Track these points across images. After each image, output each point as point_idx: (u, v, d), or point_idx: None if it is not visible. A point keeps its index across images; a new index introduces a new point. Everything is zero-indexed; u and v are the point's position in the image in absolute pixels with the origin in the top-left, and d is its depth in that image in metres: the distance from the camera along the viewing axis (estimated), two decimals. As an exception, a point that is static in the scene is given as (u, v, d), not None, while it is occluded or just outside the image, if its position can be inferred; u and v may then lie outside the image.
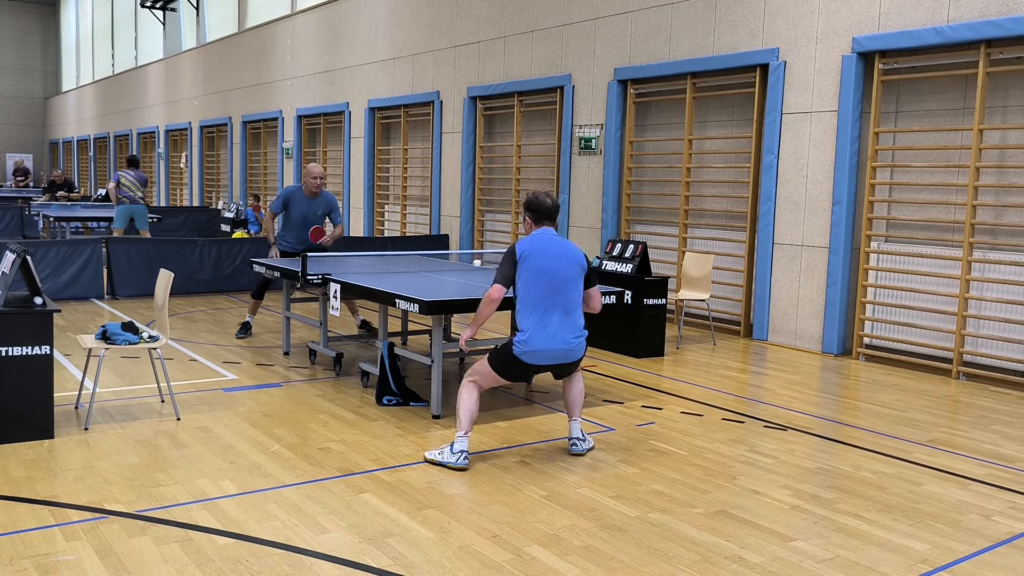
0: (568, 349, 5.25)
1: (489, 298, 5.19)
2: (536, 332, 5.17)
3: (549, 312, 5.19)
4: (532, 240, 5.30)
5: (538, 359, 5.21)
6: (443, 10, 14.35)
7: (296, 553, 3.93)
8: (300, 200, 8.78)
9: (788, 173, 9.39)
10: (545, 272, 5.19)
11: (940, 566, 4.00)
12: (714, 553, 4.06)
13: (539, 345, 5.17)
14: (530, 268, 5.19)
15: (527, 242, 5.29)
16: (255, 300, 9.20)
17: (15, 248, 5.53)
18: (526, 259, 5.20)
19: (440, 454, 5.21)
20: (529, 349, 5.17)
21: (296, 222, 8.81)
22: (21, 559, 3.79)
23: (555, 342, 5.19)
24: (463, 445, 5.16)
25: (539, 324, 5.17)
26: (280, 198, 8.82)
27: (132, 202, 14.16)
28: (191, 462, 5.12)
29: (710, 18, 10.05)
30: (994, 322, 7.91)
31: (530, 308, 5.19)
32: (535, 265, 5.19)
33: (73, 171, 36.43)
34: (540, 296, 5.18)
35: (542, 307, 5.19)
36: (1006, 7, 7.63)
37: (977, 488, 5.05)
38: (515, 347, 5.19)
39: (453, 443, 5.19)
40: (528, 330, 5.17)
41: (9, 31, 40.74)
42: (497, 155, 13.78)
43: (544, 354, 5.20)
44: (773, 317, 9.55)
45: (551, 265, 5.21)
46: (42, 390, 5.40)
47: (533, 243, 5.27)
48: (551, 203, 5.39)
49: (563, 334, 5.21)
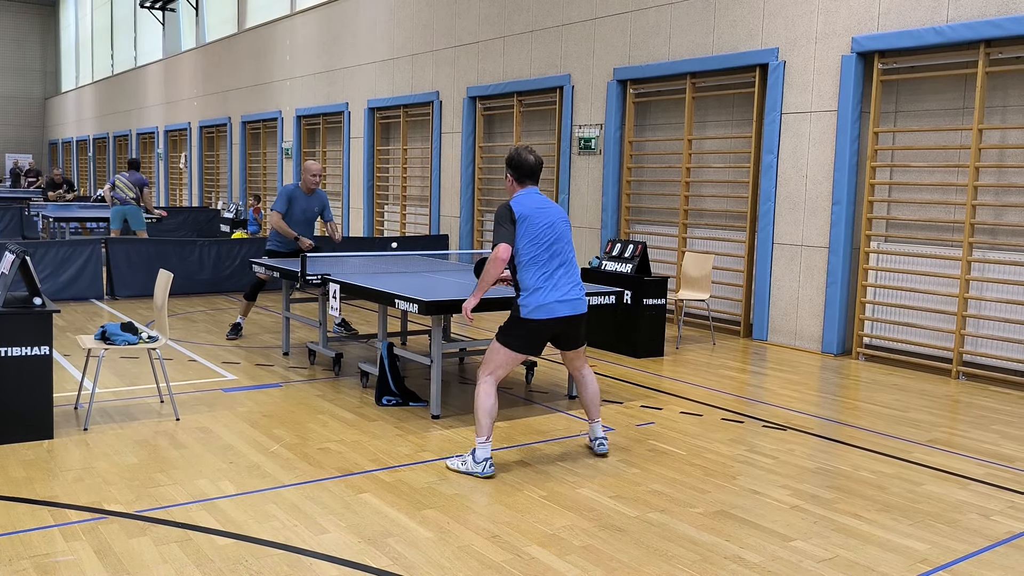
0: (576, 300, 5.18)
1: (497, 257, 5.04)
2: (544, 288, 5.08)
3: (554, 269, 5.13)
4: (525, 200, 5.20)
5: (549, 313, 5.08)
6: (442, 10, 14.35)
7: (295, 553, 3.93)
8: (300, 197, 8.80)
9: (788, 173, 9.39)
10: (546, 230, 5.13)
11: (939, 566, 4.00)
12: (713, 553, 4.06)
13: (548, 299, 5.07)
14: (532, 228, 5.10)
15: (521, 202, 5.18)
16: (248, 302, 9.20)
17: (14, 249, 5.53)
18: (526, 219, 5.11)
19: (463, 464, 5.07)
20: (539, 304, 5.06)
21: (297, 220, 8.81)
22: (20, 559, 3.79)
23: (563, 295, 5.12)
24: (486, 452, 5.01)
25: (546, 280, 5.09)
26: (283, 197, 8.81)
27: (123, 203, 14.21)
28: (190, 462, 5.12)
29: (709, 18, 10.05)
30: (994, 322, 7.91)
31: (534, 266, 5.10)
32: (537, 224, 5.11)
33: (73, 171, 36.43)
34: (544, 254, 5.11)
35: (547, 265, 5.11)
36: (1005, 7, 7.63)
37: (977, 488, 5.05)
38: (523, 310, 5.08)
39: (475, 451, 5.03)
40: (535, 288, 5.08)
41: (8, 31, 40.74)
42: (497, 155, 13.78)
43: (554, 307, 5.08)
44: (773, 317, 9.55)
45: (550, 223, 5.16)
46: (41, 390, 5.40)
47: (528, 203, 5.18)
48: (534, 160, 5.26)
49: (569, 288, 5.16)
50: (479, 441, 5.03)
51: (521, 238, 5.11)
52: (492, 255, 5.09)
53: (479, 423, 5.04)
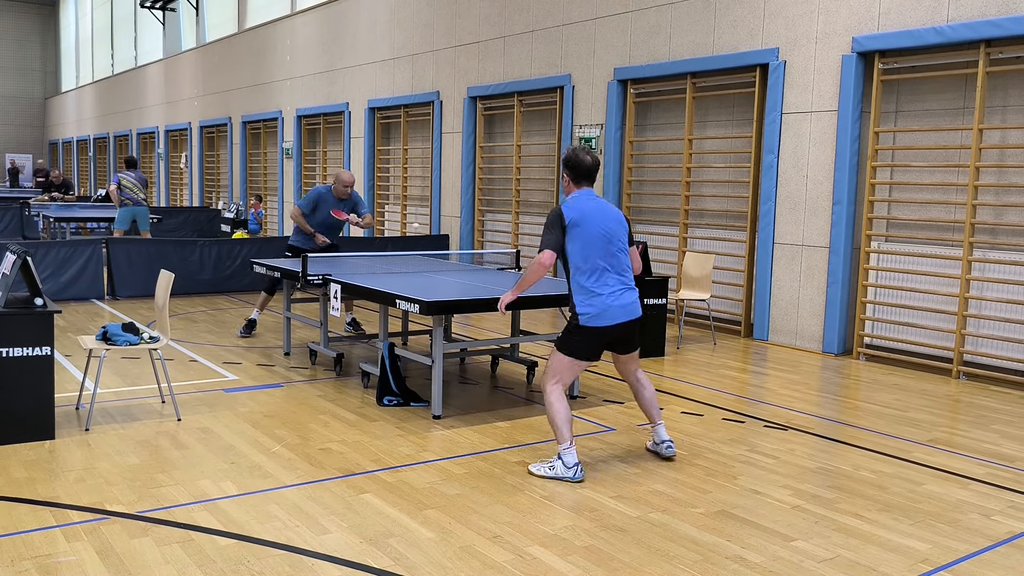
0: (632, 304, 5.13)
1: (540, 263, 5.02)
2: (601, 295, 5.04)
3: (607, 274, 5.07)
4: (578, 203, 5.11)
5: (608, 319, 5.04)
6: (443, 10, 14.35)
7: (297, 554, 3.94)
8: (329, 202, 8.84)
9: (788, 173, 9.39)
10: (600, 236, 5.06)
11: (940, 565, 4.00)
12: (715, 553, 4.06)
13: (602, 305, 5.03)
14: (584, 233, 5.03)
15: (573, 206, 5.10)
16: (267, 295, 9.21)
17: (15, 249, 5.53)
18: (577, 224, 5.03)
19: (551, 470, 5.02)
20: (597, 312, 5.02)
21: (322, 222, 8.87)
22: (22, 560, 3.79)
23: (620, 300, 5.07)
24: (574, 457, 4.99)
25: (602, 287, 5.04)
26: (311, 199, 8.85)
27: (135, 204, 14.16)
28: (192, 463, 5.13)
29: (710, 18, 10.06)
30: (994, 321, 7.91)
31: (588, 273, 5.05)
32: (589, 229, 5.04)
33: (73, 172, 36.44)
34: (598, 260, 5.05)
35: (601, 270, 5.06)
36: (1005, 7, 7.63)
37: (977, 487, 5.06)
38: (581, 318, 5.03)
39: (562, 457, 5.00)
40: (591, 295, 5.04)
41: (9, 31, 40.74)
42: (497, 155, 13.78)
43: (612, 313, 5.04)
44: (773, 317, 9.55)
45: (604, 228, 5.08)
46: (43, 391, 5.40)
47: (580, 206, 5.09)
48: (591, 161, 5.19)
49: (625, 293, 5.12)
50: (563, 447, 5.01)
51: (573, 242, 5.04)
52: (536, 260, 5.05)
53: (559, 430, 5.02)
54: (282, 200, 19.70)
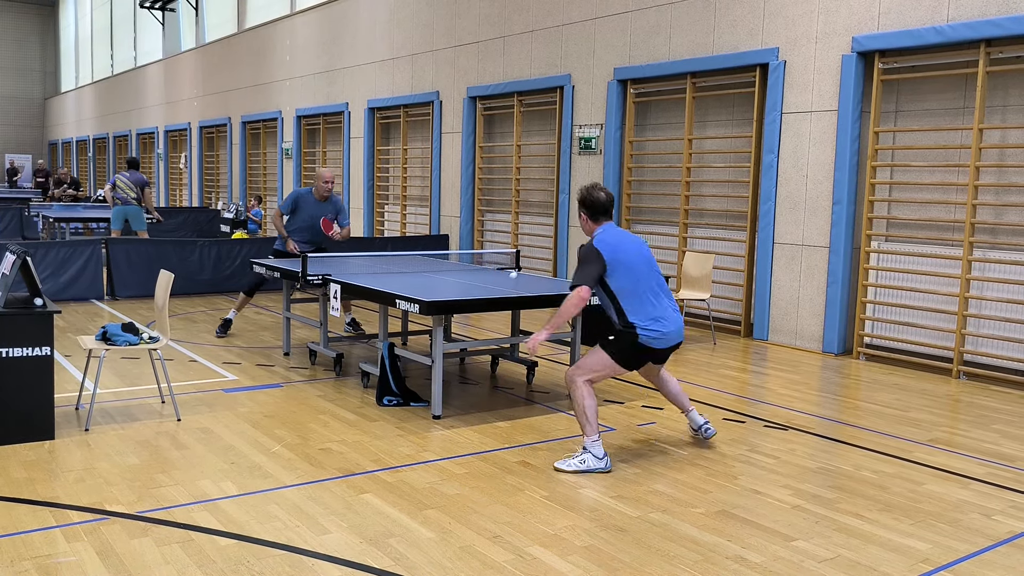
0: (681, 328, 5.37)
1: (580, 298, 5.16)
2: (660, 318, 5.22)
3: (658, 297, 5.29)
4: (608, 237, 5.29)
5: (666, 342, 5.25)
6: (442, 10, 14.35)
7: (297, 554, 3.93)
8: (310, 203, 8.83)
9: (788, 173, 9.39)
10: (640, 262, 5.29)
11: (941, 565, 4.00)
12: (715, 553, 4.06)
13: (666, 328, 5.22)
14: (627, 262, 5.23)
15: (606, 240, 5.27)
16: (246, 296, 9.24)
17: (15, 249, 5.52)
18: (615, 257, 5.21)
19: (582, 463, 5.14)
20: (660, 335, 5.20)
21: (304, 224, 8.84)
22: (22, 560, 3.79)
23: (674, 323, 5.29)
24: (602, 448, 5.19)
25: (656, 314, 5.23)
26: (290, 199, 8.85)
27: (125, 203, 14.20)
28: (192, 463, 5.12)
29: (710, 18, 10.05)
30: (994, 321, 7.91)
31: (640, 299, 5.22)
32: (631, 258, 5.25)
33: (73, 172, 36.42)
34: (646, 285, 5.26)
35: (652, 295, 5.26)
36: (1006, 6, 7.63)
37: (978, 487, 5.05)
38: (641, 339, 5.17)
39: (591, 449, 5.14)
40: (651, 318, 5.20)
41: (8, 32, 40.74)
42: (497, 155, 13.78)
43: (669, 336, 5.26)
44: (773, 317, 9.55)
45: (641, 254, 5.32)
46: (42, 391, 5.39)
47: (611, 240, 5.28)
48: (605, 197, 5.38)
49: (675, 315, 5.33)
50: (592, 440, 5.16)
51: (619, 274, 5.20)
52: (576, 295, 5.16)
53: (588, 423, 5.16)
54: (281, 201, 19.68)
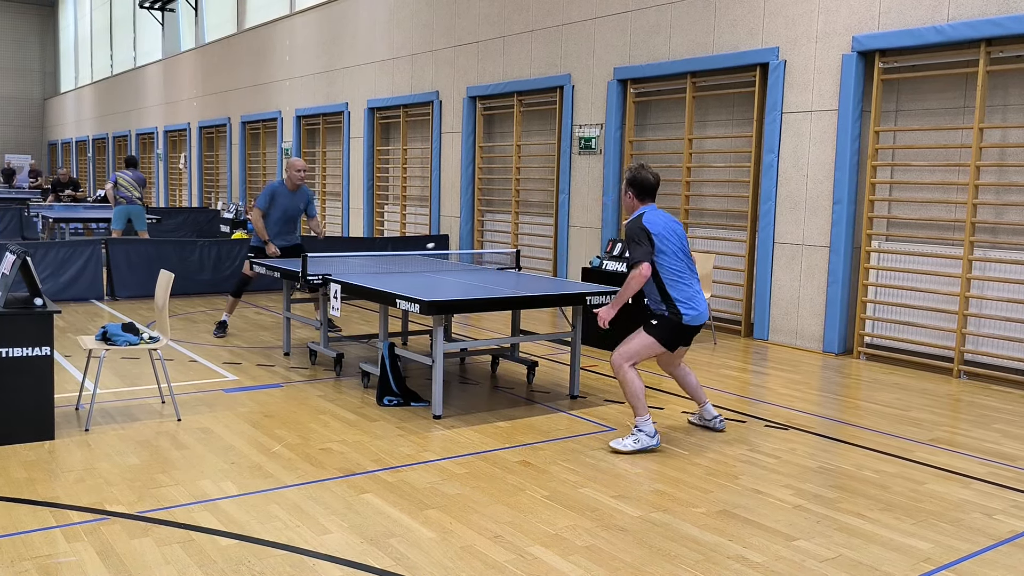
0: (707, 310, 5.68)
1: (642, 275, 5.40)
2: (694, 299, 5.55)
3: (693, 279, 5.61)
4: (655, 217, 5.55)
5: (702, 319, 5.59)
6: (442, 10, 14.34)
7: (298, 554, 3.93)
8: (284, 195, 8.88)
9: (788, 172, 9.39)
10: (681, 245, 5.59)
11: (943, 565, 3.99)
12: (717, 553, 4.05)
13: (698, 310, 5.55)
14: (669, 243, 5.52)
15: (653, 220, 5.54)
16: (234, 298, 9.28)
17: (15, 249, 5.52)
18: (662, 236, 5.49)
19: (636, 442, 5.46)
20: (698, 312, 5.54)
21: (279, 217, 8.87)
22: (22, 560, 3.78)
23: (704, 303, 5.63)
24: (652, 425, 5.51)
25: (692, 293, 5.55)
26: (266, 195, 8.84)
27: (129, 202, 14.16)
28: (192, 463, 5.11)
29: (710, 17, 10.05)
30: (995, 321, 7.91)
31: (680, 278, 5.53)
32: (673, 240, 5.54)
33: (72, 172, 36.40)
34: (685, 267, 5.57)
35: (688, 276, 5.58)
36: (1006, 6, 7.63)
37: (979, 487, 5.05)
38: (684, 317, 5.50)
39: (643, 428, 5.48)
40: (690, 298, 5.53)
41: (7, 32, 40.72)
42: (497, 155, 13.77)
43: (702, 316, 5.59)
44: (774, 316, 9.55)
45: (680, 236, 5.61)
46: (42, 391, 5.39)
47: (658, 220, 5.55)
48: (654, 179, 5.65)
49: (703, 298, 5.64)
50: (642, 419, 5.50)
51: (663, 253, 5.50)
52: (636, 272, 5.42)
53: (640, 404, 5.50)
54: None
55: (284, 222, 8.91)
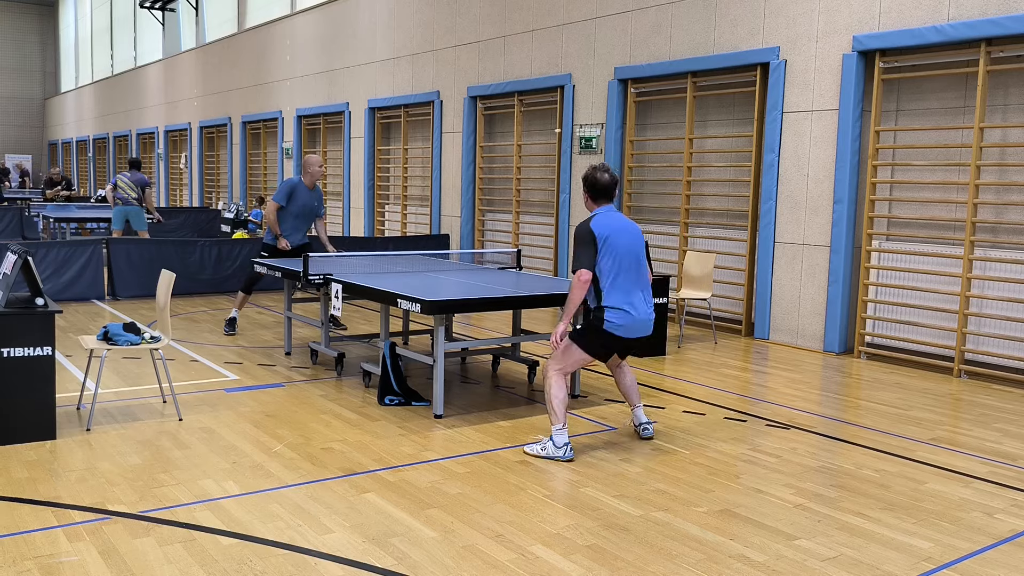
0: (649, 321, 5.48)
1: (580, 282, 5.28)
2: (627, 308, 5.34)
3: (634, 289, 5.40)
4: (606, 220, 5.40)
5: (629, 332, 5.37)
6: (443, 10, 14.35)
7: (300, 553, 3.93)
8: (303, 192, 8.95)
9: (789, 172, 9.39)
10: (627, 251, 5.38)
11: (943, 564, 4.00)
12: (718, 552, 4.06)
13: (630, 320, 5.35)
14: (613, 248, 5.34)
15: (602, 223, 5.38)
16: (244, 294, 9.34)
17: (16, 249, 5.52)
18: (607, 240, 5.33)
19: (543, 449, 5.35)
20: (623, 324, 5.33)
21: (297, 214, 8.91)
22: (24, 560, 3.79)
23: (641, 315, 5.40)
24: (565, 437, 5.32)
25: (628, 301, 5.36)
26: (286, 190, 8.89)
27: (125, 203, 14.20)
28: (194, 463, 5.12)
29: (710, 17, 10.05)
30: (996, 320, 7.91)
31: (617, 286, 5.35)
32: (618, 245, 5.35)
33: (72, 172, 36.43)
34: (625, 274, 5.37)
35: (628, 285, 5.38)
36: (1006, 5, 7.63)
37: (980, 486, 5.05)
38: (607, 324, 5.32)
39: (553, 437, 5.32)
40: (619, 307, 5.33)
41: (8, 32, 40.73)
42: (497, 155, 13.78)
43: (634, 327, 5.38)
44: (775, 316, 9.55)
45: (629, 244, 5.41)
46: (44, 391, 5.39)
47: (608, 223, 5.39)
48: (608, 179, 5.48)
49: (646, 308, 5.44)
50: (556, 428, 5.32)
51: (604, 259, 5.33)
52: (575, 280, 5.29)
53: (554, 412, 5.33)
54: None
55: (300, 219, 8.97)
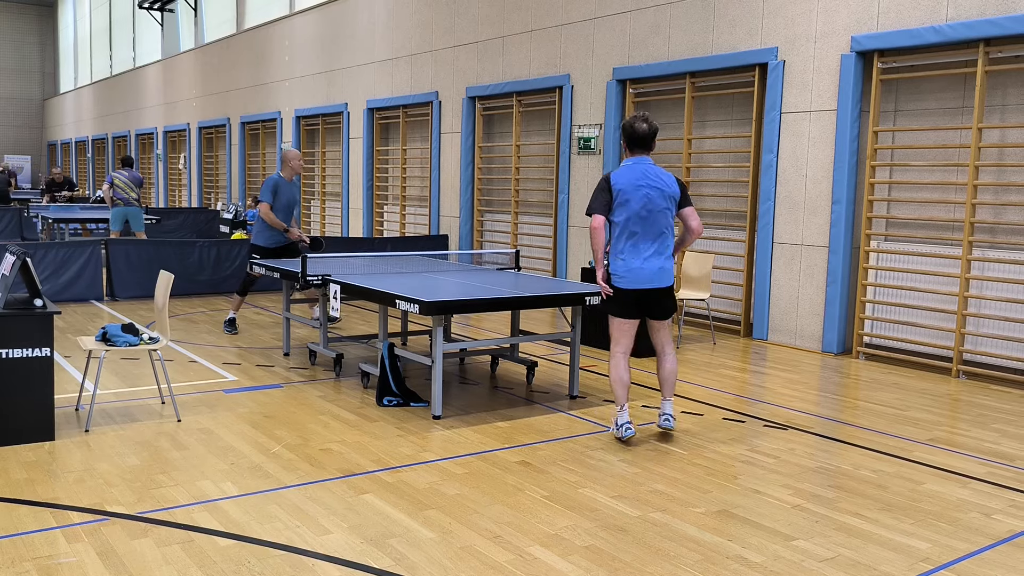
0: (660, 271, 5.51)
1: (592, 228, 5.45)
2: (629, 258, 5.48)
3: (643, 240, 5.48)
4: (627, 172, 5.47)
5: (633, 283, 5.48)
6: (441, 10, 14.35)
7: (298, 554, 3.93)
8: (284, 186, 9.08)
9: (787, 172, 9.40)
10: (640, 204, 5.43)
11: (941, 564, 4.00)
12: (716, 552, 4.06)
13: (629, 270, 5.46)
14: (626, 201, 5.42)
15: (622, 174, 5.46)
16: (240, 297, 9.45)
17: (15, 250, 5.52)
18: (620, 192, 5.43)
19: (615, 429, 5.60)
20: (623, 274, 5.47)
21: (282, 208, 9.00)
22: (23, 561, 3.79)
23: (648, 264, 5.48)
24: (622, 418, 5.57)
25: (633, 251, 5.48)
26: (269, 187, 8.94)
27: (126, 203, 14.16)
28: (192, 463, 5.12)
29: (709, 17, 10.06)
30: (994, 320, 7.92)
31: (624, 238, 5.47)
32: (631, 198, 5.42)
33: (72, 172, 36.42)
34: (634, 227, 5.46)
35: (636, 237, 5.48)
36: (1004, 6, 7.64)
37: (977, 486, 5.06)
38: (612, 277, 5.49)
39: (616, 417, 5.60)
40: (621, 257, 5.49)
41: (7, 32, 40.73)
42: (496, 155, 13.78)
43: (638, 276, 5.48)
44: (773, 316, 9.56)
45: (648, 197, 5.44)
46: (42, 392, 5.39)
47: (628, 175, 5.45)
48: (645, 129, 5.49)
49: (655, 259, 5.51)
50: (617, 409, 5.62)
51: (617, 210, 5.45)
52: (590, 226, 5.49)
53: (614, 393, 5.64)
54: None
55: (285, 213, 9.03)
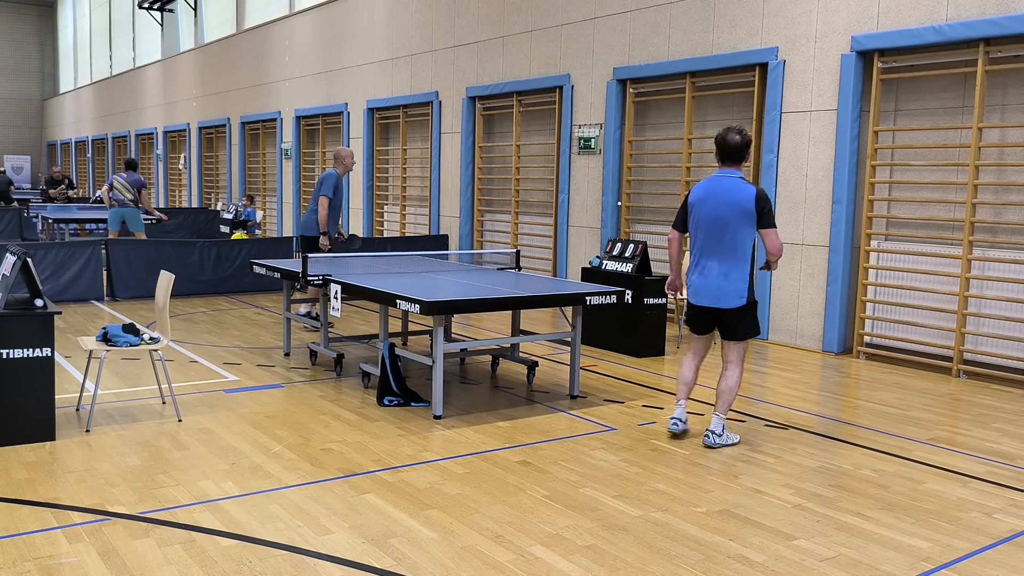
0: (719, 291, 5.52)
1: (669, 240, 5.77)
2: (692, 273, 5.62)
3: (707, 257, 5.57)
4: (706, 185, 5.56)
5: (694, 298, 5.63)
6: (441, 10, 14.35)
7: (299, 554, 3.93)
8: (341, 184, 9.23)
9: (788, 172, 9.40)
10: (709, 220, 5.50)
11: (942, 564, 4.00)
12: (717, 552, 4.06)
13: (692, 282, 5.62)
14: (697, 215, 5.56)
15: (700, 188, 5.59)
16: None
17: (16, 250, 5.52)
18: (694, 206, 5.58)
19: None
20: (689, 288, 5.65)
21: (337, 206, 9.22)
22: (24, 561, 3.79)
23: (708, 281, 5.54)
24: (675, 412, 5.76)
25: (696, 267, 5.62)
26: (332, 184, 9.06)
27: (122, 205, 14.19)
28: (193, 463, 5.12)
29: (709, 17, 10.06)
30: (994, 320, 7.92)
31: (695, 252, 5.64)
32: (701, 213, 5.53)
33: (71, 173, 36.42)
34: (702, 242, 5.57)
35: (701, 252, 5.59)
36: (1004, 6, 7.64)
37: (978, 486, 5.06)
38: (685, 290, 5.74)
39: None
40: (690, 271, 5.66)
41: (6, 33, 40.73)
42: (496, 155, 13.78)
43: (697, 291, 5.60)
44: (773, 316, 9.56)
45: (715, 212, 5.48)
46: (43, 392, 5.40)
47: (704, 189, 5.55)
48: (739, 140, 5.51)
49: (716, 279, 5.54)
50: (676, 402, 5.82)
51: (691, 224, 5.64)
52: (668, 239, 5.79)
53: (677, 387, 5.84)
54: (281, 201, 19.70)
55: (338, 210, 9.22)
